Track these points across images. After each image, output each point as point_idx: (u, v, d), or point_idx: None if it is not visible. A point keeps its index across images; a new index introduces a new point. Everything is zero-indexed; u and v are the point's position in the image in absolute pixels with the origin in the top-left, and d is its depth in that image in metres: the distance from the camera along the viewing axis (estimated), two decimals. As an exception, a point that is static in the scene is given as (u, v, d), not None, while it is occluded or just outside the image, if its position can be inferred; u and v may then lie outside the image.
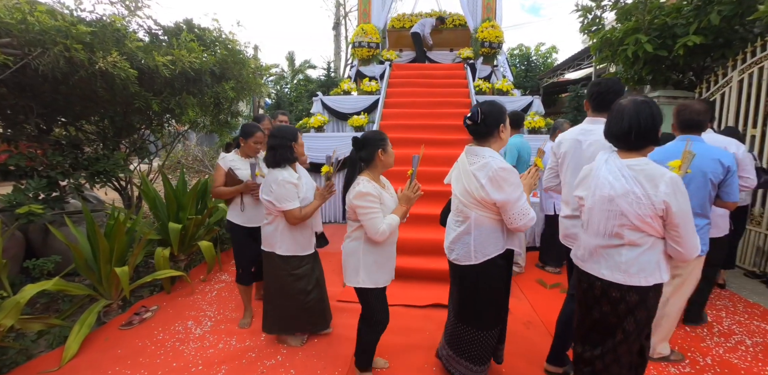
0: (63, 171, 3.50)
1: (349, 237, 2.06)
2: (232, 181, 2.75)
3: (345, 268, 2.08)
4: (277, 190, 2.21)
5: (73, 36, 2.92)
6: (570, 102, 9.76)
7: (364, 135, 2.04)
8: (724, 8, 4.52)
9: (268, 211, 2.34)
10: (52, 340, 2.54)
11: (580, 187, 1.73)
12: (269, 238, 2.38)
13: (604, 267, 1.59)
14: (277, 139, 2.29)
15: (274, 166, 2.30)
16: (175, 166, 9.46)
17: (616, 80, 2.18)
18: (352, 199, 1.93)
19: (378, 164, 2.01)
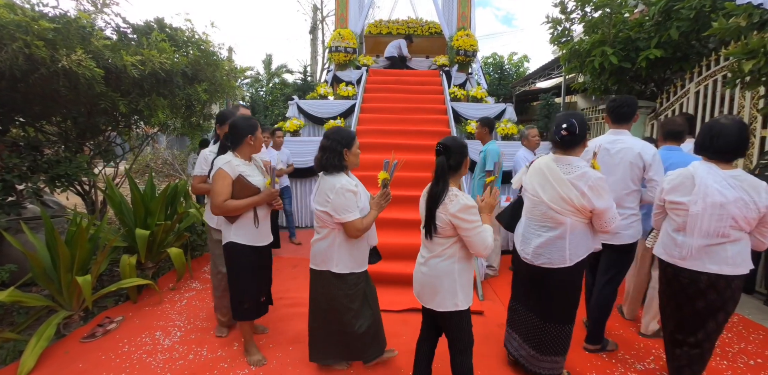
0: (20, 174, 3.29)
1: (439, 256, 1.83)
2: (244, 192, 2.23)
3: (434, 293, 1.85)
4: (335, 200, 1.94)
5: (34, 32, 2.78)
6: (541, 110, 10.07)
7: (449, 142, 1.82)
8: (682, 24, 4.81)
9: (322, 224, 2.06)
10: (6, 355, 2.38)
11: (675, 193, 1.96)
12: (323, 255, 2.09)
13: (711, 262, 1.85)
14: (329, 141, 2.02)
15: (321, 170, 2.05)
16: (144, 169, 9.13)
17: (630, 97, 2.48)
18: (456, 213, 1.71)
19: (462, 172, 1.86)
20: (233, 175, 2.19)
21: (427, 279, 1.86)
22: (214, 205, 2.17)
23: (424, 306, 1.94)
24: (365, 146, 5.48)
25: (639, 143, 2.37)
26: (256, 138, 2.29)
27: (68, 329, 2.75)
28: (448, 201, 1.75)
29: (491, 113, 6.29)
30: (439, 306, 1.85)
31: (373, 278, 2.32)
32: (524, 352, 2.26)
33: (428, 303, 1.89)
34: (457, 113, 6.26)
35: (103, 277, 3.53)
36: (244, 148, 2.29)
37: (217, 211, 2.19)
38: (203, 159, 2.66)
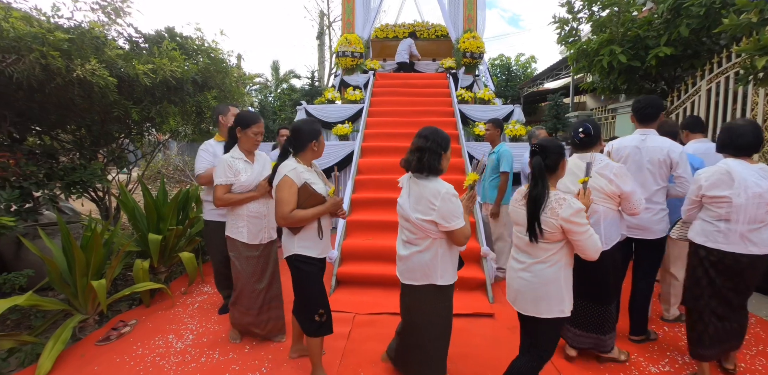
0: (37, 181, 3.38)
1: (545, 262, 1.77)
2: (310, 201, 2.07)
3: (537, 299, 1.79)
4: (442, 206, 1.77)
5: (49, 43, 2.86)
6: (549, 110, 10.01)
7: (545, 142, 1.78)
8: (692, 21, 4.75)
9: (423, 234, 1.87)
10: (24, 358, 2.42)
11: (715, 188, 2.13)
12: (425, 268, 1.89)
13: (752, 245, 2.08)
14: (428, 142, 1.84)
15: (418, 171, 1.86)
16: (156, 175, 9.28)
17: (654, 98, 2.62)
18: (569, 217, 1.66)
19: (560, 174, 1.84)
20: (299, 183, 2.04)
21: (531, 285, 1.80)
22: (279, 215, 2.03)
23: (521, 312, 1.88)
24: (374, 150, 5.51)
25: (667, 142, 2.50)
26: (320, 143, 2.17)
27: (84, 332, 2.81)
28: (557, 205, 1.70)
29: (499, 115, 6.26)
30: (542, 312, 1.79)
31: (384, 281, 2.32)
32: (569, 333, 2.44)
33: (528, 309, 1.83)
34: (464, 115, 6.25)
35: (117, 281, 3.59)
36: (307, 153, 2.15)
37: (283, 223, 2.05)
38: (227, 166, 2.41)
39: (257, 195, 2.46)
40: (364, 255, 3.79)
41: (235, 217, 2.49)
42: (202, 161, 2.88)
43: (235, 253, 2.52)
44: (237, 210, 2.46)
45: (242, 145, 2.50)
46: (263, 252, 2.56)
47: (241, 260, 2.51)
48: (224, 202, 2.41)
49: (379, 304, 3.26)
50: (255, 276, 2.54)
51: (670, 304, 3.04)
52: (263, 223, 2.52)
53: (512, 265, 1.94)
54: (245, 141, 2.48)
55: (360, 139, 5.56)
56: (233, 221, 2.49)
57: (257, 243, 2.51)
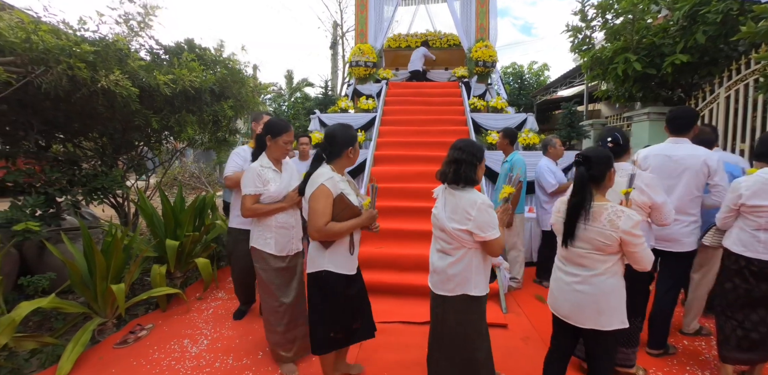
0: (61, 187, 3.50)
1: (604, 274, 1.75)
2: (346, 213, 1.96)
3: (598, 312, 1.77)
4: (478, 217, 1.76)
5: (76, 55, 2.98)
6: (563, 119, 9.93)
7: (589, 152, 1.77)
8: (709, 28, 4.71)
9: (458, 244, 1.84)
10: (45, 359, 2.48)
11: (757, 197, 2.15)
12: (459, 279, 1.87)
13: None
14: (464, 153, 1.85)
15: (454, 182, 1.87)
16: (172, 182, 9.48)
17: (686, 108, 2.64)
18: (629, 229, 1.65)
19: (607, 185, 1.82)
20: (335, 193, 1.93)
21: (592, 298, 1.76)
22: (314, 228, 1.90)
23: (578, 326, 1.83)
24: (386, 158, 5.54)
25: (702, 150, 2.47)
26: (356, 150, 2.08)
27: (102, 335, 2.86)
28: (615, 217, 1.68)
29: (512, 123, 6.25)
30: (604, 325, 1.76)
31: (394, 290, 2.31)
32: None
33: (587, 323, 1.79)
34: (477, 124, 6.25)
35: (135, 285, 3.66)
36: (342, 161, 2.05)
37: (317, 236, 1.92)
38: (256, 175, 2.33)
39: (286, 206, 2.39)
40: (376, 263, 3.79)
41: (262, 228, 2.39)
42: (233, 165, 2.93)
43: (262, 264, 2.41)
44: (265, 220, 2.38)
45: (271, 153, 2.42)
46: (290, 264, 2.46)
47: (268, 272, 2.41)
48: (253, 212, 2.33)
49: (390, 312, 3.25)
50: (282, 289, 2.44)
51: (692, 315, 2.96)
52: (291, 234, 2.44)
53: (562, 278, 1.89)
54: (275, 149, 2.40)
55: (372, 148, 5.61)
56: (260, 232, 2.39)
57: (284, 254, 2.42)
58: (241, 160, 2.93)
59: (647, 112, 6.25)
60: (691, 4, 4.91)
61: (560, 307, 1.91)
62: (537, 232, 4.08)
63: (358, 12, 8.93)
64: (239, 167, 2.89)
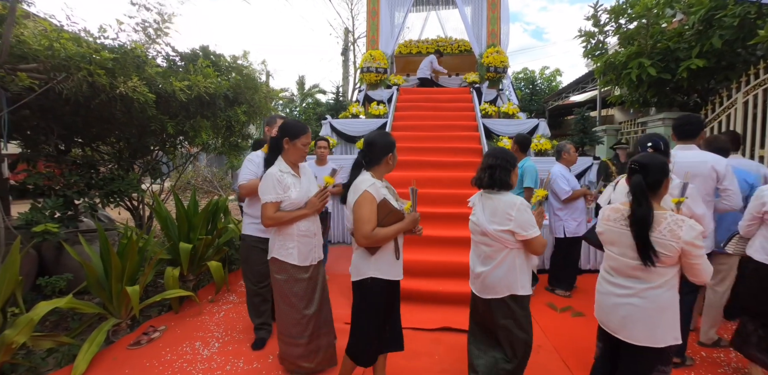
0: (79, 190, 3.58)
1: (661, 287, 1.66)
2: (390, 218, 1.94)
3: (653, 327, 1.67)
4: (518, 217, 1.83)
5: (96, 62, 3.07)
6: (576, 124, 9.84)
7: (645, 160, 1.72)
8: (725, 32, 4.64)
9: (501, 246, 1.89)
10: (61, 358, 2.53)
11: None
12: (506, 280, 1.90)
13: None
14: (498, 160, 1.95)
15: (490, 187, 1.95)
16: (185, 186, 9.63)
17: (692, 115, 2.68)
18: (691, 239, 1.57)
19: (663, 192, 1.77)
20: (378, 199, 1.92)
21: (646, 312, 1.67)
22: (361, 234, 1.87)
23: (630, 342, 1.72)
24: (398, 164, 5.52)
25: (710, 156, 2.48)
26: (395, 157, 2.07)
27: (116, 336, 2.90)
28: (676, 226, 1.60)
29: (523, 129, 6.22)
30: (658, 341, 1.66)
31: (405, 296, 2.30)
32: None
33: (640, 338, 1.68)
34: (488, 130, 6.24)
35: (148, 287, 3.71)
36: (381, 167, 2.03)
37: (365, 242, 1.90)
38: (276, 181, 2.20)
39: (308, 213, 2.26)
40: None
41: (283, 237, 2.25)
42: (247, 172, 2.72)
43: (284, 275, 2.28)
44: (286, 229, 2.24)
45: (289, 156, 2.31)
46: (313, 273, 2.34)
47: (290, 283, 2.27)
48: (275, 221, 2.20)
49: (405, 319, 3.23)
50: (304, 300, 2.30)
51: (709, 324, 2.90)
52: (313, 243, 2.33)
53: (611, 290, 1.79)
54: (293, 153, 2.30)
55: (383, 153, 5.62)
56: (282, 242, 2.26)
57: (307, 264, 2.30)
58: (255, 166, 2.73)
59: (662, 118, 6.16)
60: (707, 8, 4.85)
61: (609, 322, 1.81)
62: (550, 239, 4.03)
63: (369, 18, 9.02)
64: (254, 174, 2.70)
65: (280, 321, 2.35)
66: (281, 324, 2.35)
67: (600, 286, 1.88)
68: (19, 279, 2.45)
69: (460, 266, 3.69)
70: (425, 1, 11.14)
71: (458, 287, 3.48)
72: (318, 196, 2.28)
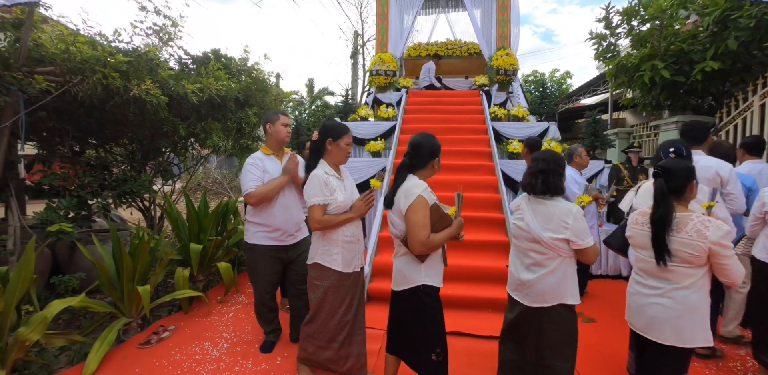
0: (92, 191, 3.64)
1: (689, 288, 1.69)
2: (441, 223, 1.90)
3: (680, 328, 1.70)
4: (575, 225, 1.78)
5: (110, 65, 3.12)
6: (587, 127, 9.73)
7: (669, 164, 1.77)
8: (741, 34, 4.56)
9: (554, 254, 1.84)
10: (73, 356, 2.56)
11: None
12: (556, 289, 1.85)
13: None
14: (548, 164, 1.88)
15: (543, 193, 1.88)
16: (196, 187, 9.73)
17: (699, 121, 2.77)
18: (718, 240, 1.60)
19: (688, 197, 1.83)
20: (431, 202, 1.88)
21: (674, 312, 1.71)
22: (418, 241, 1.81)
23: (659, 342, 1.76)
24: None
25: (714, 161, 2.58)
26: (439, 161, 2.04)
27: (127, 335, 2.94)
28: (703, 227, 1.64)
29: (533, 132, 6.17)
30: (686, 342, 1.70)
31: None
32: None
33: (668, 338, 1.72)
34: (498, 132, 6.20)
35: (159, 287, 3.75)
36: (426, 171, 2.01)
37: (421, 249, 1.83)
38: (323, 183, 2.09)
39: (354, 217, 2.17)
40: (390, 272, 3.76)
41: (327, 242, 2.16)
42: (252, 178, 2.49)
43: (325, 282, 2.17)
44: (330, 234, 2.14)
45: (332, 158, 2.21)
46: (353, 280, 2.24)
47: (331, 290, 2.17)
48: (323, 224, 2.09)
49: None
50: (343, 307, 2.20)
51: (730, 317, 2.95)
52: (357, 249, 2.24)
53: (640, 290, 1.85)
54: (337, 153, 2.21)
55: (392, 156, 5.62)
56: (326, 247, 2.16)
57: (350, 271, 2.20)
58: (259, 171, 2.53)
59: (676, 121, 6.07)
60: (722, 9, 4.78)
61: (636, 321, 1.86)
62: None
63: (378, 22, 9.06)
64: (259, 180, 2.51)
65: (314, 326, 2.23)
66: (315, 329, 2.22)
67: (631, 288, 1.92)
68: (33, 277, 2.49)
69: (469, 270, 3.67)
70: (434, 4, 11.14)
71: (468, 291, 3.46)
72: (363, 199, 2.17)
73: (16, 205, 3.25)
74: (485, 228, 4.31)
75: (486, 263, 3.72)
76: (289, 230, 2.63)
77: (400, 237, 1.93)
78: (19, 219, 3.25)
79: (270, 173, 2.54)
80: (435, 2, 11.03)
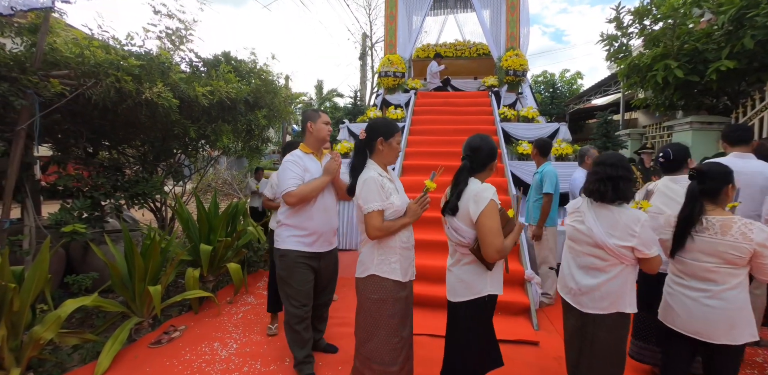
0: (105, 192, 3.70)
1: (735, 288, 1.74)
2: (507, 227, 1.85)
3: (731, 326, 1.74)
4: (643, 233, 1.74)
5: (123, 68, 3.18)
6: (598, 128, 9.62)
7: (705, 167, 1.81)
8: (758, 32, 4.47)
9: (617, 260, 1.79)
10: (86, 354, 2.60)
11: None
12: (615, 295, 1.80)
13: None
14: (618, 169, 1.81)
15: (613, 201, 1.81)
16: (206, 188, 9.84)
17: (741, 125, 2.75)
18: (763, 241, 1.66)
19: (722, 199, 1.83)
20: (498, 204, 1.81)
21: (725, 313, 1.75)
22: (495, 249, 1.72)
23: (709, 342, 1.79)
24: (415, 168, 5.53)
25: (760, 165, 2.57)
26: (496, 164, 1.97)
27: (138, 334, 2.97)
28: (747, 229, 1.69)
29: (543, 133, 6.11)
30: (737, 339, 1.75)
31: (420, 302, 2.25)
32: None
33: (720, 337, 1.76)
34: (507, 134, 6.16)
35: (169, 287, 3.79)
36: (484, 174, 1.93)
37: (498, 257, 1.74)
38: (380, 186, 1.91)
39: (410, 221, 1.99)
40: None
41: (385, 251, 1.96)
42: (292, 176, 2.31)
43: (381, 294, 1.97)
44: (388, 241, 1.96)
45: (383, 158, 2.04)
46: (408, 291, 2.07)
47: (388, 303, 1.97)
48: (384, 232, 1.91)
49: (418, 324, 3.20)
50: (403, 321, 2.03)
51: None
52: (412, 255, 2.08)
53: (685, 293, 1.86)
54: (389, 153, 2.04)
55: (401, 158, 5.62)
56: (383, 256, 1.96)
57: (407, 280, 2.02)
58: (300, 169, 2.35)
59: (690, 122, 5.97)
60: (738, 7, 4.68)
61: (686, 324, 1.85)
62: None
63: (387, 23, 9.07)
64: (300, 179, 2.32)
65: (369, 347, 2.00)
66: (371, 350, 1.99)
67: (669, 288, 1.95)
68: (48, 277, 2.53)
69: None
70: (443, 5, 11.13)
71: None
72: (419, 202, 1.99)
73: (31, 206, 3.32)
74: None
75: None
76: (326, 235, 2.47)
77: (468, 245, 1.82)
78: (35, 219, 3.32)
79: (311, 172, 2.39)
80: (443, 3, 11.02)
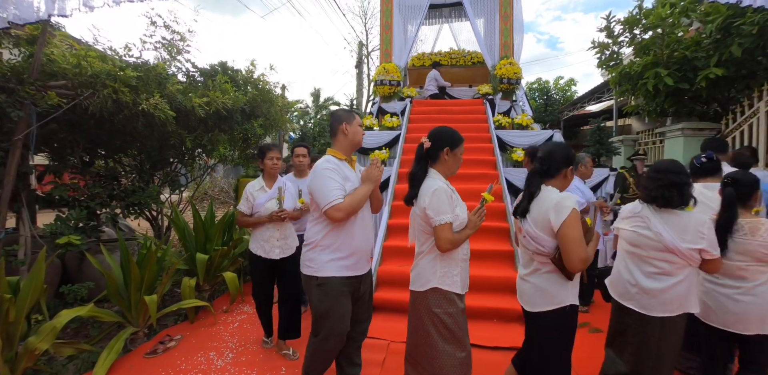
0: (101, 201, 3.70)
1: (765, 284, 1.97)
2: (587, 236, 1.83)
3: (765, 317, 1.95)
4: (709, 235, 1.81)
5: (121, 79, 3.20)
6: (591, 135, 9.72)
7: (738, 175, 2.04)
8: (744, 40, 4.57)
9: (689, 262, 1.84)
10: (81, 364, 2.58)
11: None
12: (683, 297, 1.86)
13: None
14: (680, 176, 1.87)
15: (677, 206, 1.86)
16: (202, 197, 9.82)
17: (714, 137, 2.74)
18: None
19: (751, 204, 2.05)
20: None
21: (758, 307, 1.96)
22: (579, 259, 1.66)
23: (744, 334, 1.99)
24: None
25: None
26: (573, 171, 1.91)
27: (134, 344, 2.96)
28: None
29: (538, 140, 6.16)
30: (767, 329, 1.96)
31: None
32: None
33: (753, 329, 1.97)
34: (502, 141, 6.21)
35: (165, 296, 3.78)
36: (557, 181, 1.87)
37: (582, 267, 1.70)
38: (448, 197, 1.85)
39: (471, 233, 1.92)
40: (400, 281, 3.74)
41: (447, 263, 1.89)
42: (335, 186, 2.00)
43: (444, 308, 1.88)
44: (451, 254, 1.89)
45: (447, 169, 1.97)
46: (465, 303, 2.00)
47: (453, 317, 1.89)
48: (455, 244, 1.85)
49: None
50: (466, 334, 1.94)
51: None
52: (468, 267, 2.01)
53: (718, 290, 2.07)
54: (453, 163, 1.98)
55: (397, 165, 5.65)
56: (445, 268, 1.89)
57: (465, 292, 1.97)
58: (340, 178, 2.05)
59: (681, 128, 6.05)
60: (725, 16, 4.79)
61: (721, 318, 2.05)
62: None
63: (383, 32, 9.17)
64: (343, 189, 2.03)
65: (439, 364, 1.88)
66: (441, 367, 1.88)
67: (702, 287, 2.10)
68: (44, 287, 2.53)
69: (473, 279, 3.64)
70: (438, 14, 11.27)
71: (480, 302, 3.41)
72: (478, 213, 1.91)
73: (27, 216, 3.31)
74: (490, 237, 4.30)
75: (490, 273, 3.70)
76: (366, 254, 2.20)
77: (549, 254, 1.77)
78: (30, 229, 3.31)
79: (352, 182, 2.10)
80: (438, 13, 11.16)
